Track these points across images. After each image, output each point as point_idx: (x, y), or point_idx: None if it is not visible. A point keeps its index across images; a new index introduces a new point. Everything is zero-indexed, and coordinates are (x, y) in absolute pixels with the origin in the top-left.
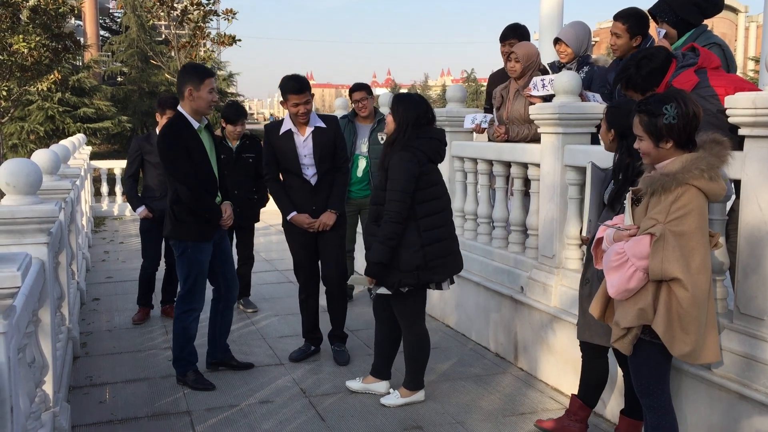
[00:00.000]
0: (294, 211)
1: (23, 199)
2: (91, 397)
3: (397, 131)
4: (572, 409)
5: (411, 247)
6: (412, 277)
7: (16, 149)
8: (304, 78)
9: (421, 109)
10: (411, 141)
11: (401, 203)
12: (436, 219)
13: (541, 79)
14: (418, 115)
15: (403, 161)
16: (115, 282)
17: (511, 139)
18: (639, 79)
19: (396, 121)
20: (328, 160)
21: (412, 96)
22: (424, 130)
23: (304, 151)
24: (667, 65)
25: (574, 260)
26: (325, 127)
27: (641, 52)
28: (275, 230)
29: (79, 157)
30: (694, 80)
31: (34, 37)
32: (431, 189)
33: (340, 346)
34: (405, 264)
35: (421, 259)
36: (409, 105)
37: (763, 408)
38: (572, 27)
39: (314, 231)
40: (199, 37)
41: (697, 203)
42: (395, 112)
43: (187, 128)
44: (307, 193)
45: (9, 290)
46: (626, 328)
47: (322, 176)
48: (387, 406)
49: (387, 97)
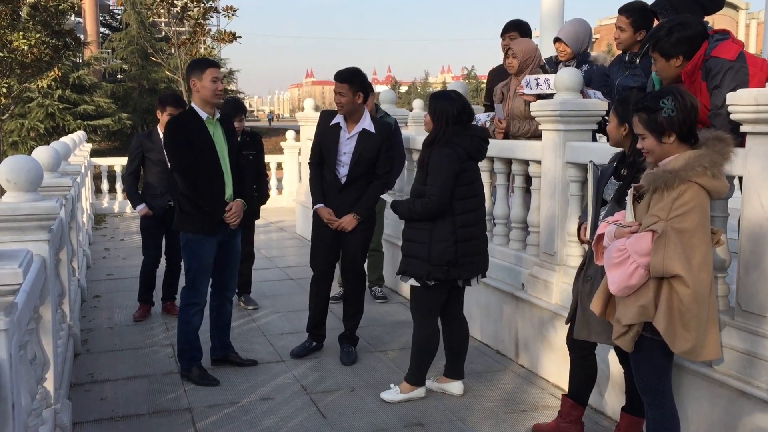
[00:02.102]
0: (322, 203)
1: (24, 196)
2: (92, 394)
3: (437, 129)
4: (564, 410)
5: (444, 242)
6: (442, 271)
7: (17, 146)
8: (356, 74)
9: (459, 105)
10: (452, 138)
11: (441, 198)
12: (471, 216)
13: (535, 78)
14: (457, 111)
15: (445, 157)
16: (116, 279)
17: (511, 134)
18: (667, 43)
19: (434, 119)
20: (365, 165)
21: (449, 93)
22: (465, 128)
23: (344, 149)
24: (699, 39)
25: (576, 257)
26: (373, 133)
27: (678, 18)
28: (276, 227)
29: (80, 155)
30: (738, 49)
31: (34, 34)
32: (470, 186)
33: (348, 347)
34: (436, 258)
35: (453, 255)
36: (445, 102)
37: (764, 405)
38: (572, 26)
39: (334, 229)
40: (200, 34)
41: (700, 200)
42: (432, 109)
43: (194, 120)
44: (334, 191)
45: (10, 287)
46: (628, 325)
47: (354, 179)
48: (387, 401)
49: (388, 95)
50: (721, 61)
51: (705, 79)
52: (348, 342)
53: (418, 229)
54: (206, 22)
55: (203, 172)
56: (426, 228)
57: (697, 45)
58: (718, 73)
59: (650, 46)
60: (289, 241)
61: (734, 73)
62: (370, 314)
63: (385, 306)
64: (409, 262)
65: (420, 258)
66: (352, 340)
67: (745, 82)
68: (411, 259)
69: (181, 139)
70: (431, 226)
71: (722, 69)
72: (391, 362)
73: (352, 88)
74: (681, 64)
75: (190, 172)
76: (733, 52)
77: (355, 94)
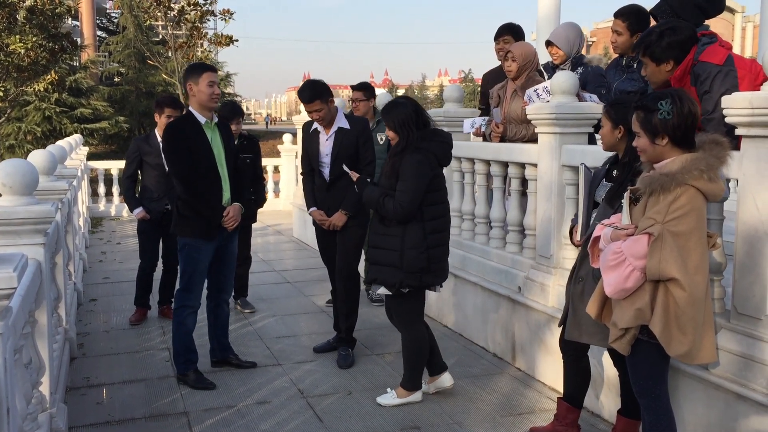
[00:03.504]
0: (314, 206)
1: (19, 199)
2: (88, 398)
3: (405, 136)
4: (560, 413)
5: (416, 248)
6: (415, 279)
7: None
8: (317, 86)
9: (412, 106)
10: (420, 143)
11: (411, 204)
12: (440, 223)
13: (534, 90)
14: (414, 113)
15: (417, 163)
16: (113, 283)
17: (508, 138)
18: (658, 48)
19: (395, 130)
20: (346, 160)
21: (398, 100)
22: (432, 132)
23: (324, 150)
24: (689, 44)
25: (572, 260)
26: (348, 129)
27: (669, 22)
28: (273, 231)
29: (76, 158)
30: (725, 53)
31: (30, 37)
32: (439, 192)
33: (345, 350)
34: (409, 265)
35: (425, 262)
36: (401, 109)
37: (760, 407)
38: (562, 29)
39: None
40: (196, 37)
41: (696, 204)
42: (389, 121)
43: (191, 125)
44: (324, 191)
45: (5, 291)
46: (624, 329)
47: (337, 176)
48: (383, 405)
49: (385, 98)
50: (709, 66)
51: (694, 84)
52: (345, 345)
53: (388, 235)
54: (203, 25)
55: (201, 177)
56: (396, 234)
57: (687, 49)
58: (706, 79)
59: (641, 51)
60: (286, 245)
61: (723, 77)
62: (367, 317)
63: (381, 308)
64: (380, 270)
65: (392, 265)
66: (349, 343)
67: (734, 85)
68: (382, 267)
69: (179, 144)
70: (401, 232)
71: (711, 74)
72: (389, 365)
73: (323, 101)
74: (671, 69)
75: (188, 177)
76: (720, 55)
77: (328, 104)
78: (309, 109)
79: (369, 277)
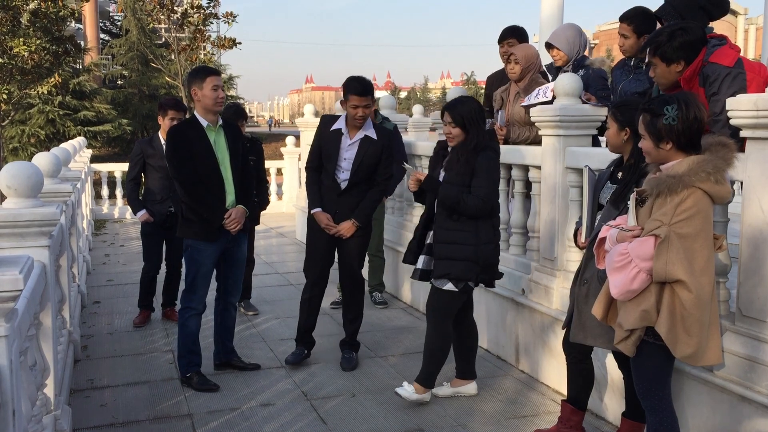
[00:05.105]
0: (320, 207)
1: (24, 202)
2: (92, 400)
3: (476, 132)
4: (564, 415)
5: (491, 243)
6: (489, 273)
7: (17, 152)
8: (369, 81)
9: (477, 103)
10: (489, 141)
11: (492, 200)
12: (498, 220)
13: (535, 92)
14: (481, 110)
15: (493, 161)
16: (116, 285)
17: (511, 141)
18: (669, 48)
19: (463, 125)
20: (366, 171)
21: (463, 98)
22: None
23: (345, 154)
24: (700, 44)
25: (576, 262)
26: (375, 139)
27: (680, 23)
28: (276, 233)
29: (80, 160)
30: (735, 55)
31: (34, 40)
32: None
33: (349, 353)
34: (485, 260)
35: (497, 257)
36: (467, 104)
37: (765, 410)
38: (562, 30)
39: (331, 234)
40: (200, 40)
41: (703, 206)
42: (456, 116)
43: (194, 128)
44: (333, 195)
45: (11, 293)
46: (629, 330)
47: (353, 185)
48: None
49: (388, 100)
50: (719, 68)
51: (702, 85)
52: (349, 348)
53: (459, 231)
54: (206, 28)
55: (202, 181)
56: (470, 230)
57: (698, 50)
58: (715, 80)
59: (650, 51)
60: (289, 247)
61: (732, 79)
62: (371, 320)
63: (385, 311)
64: (453, 265)
65: (468, 260)
66: (353, 346)
67: (743, 88)
68: (456, 261)
69: (182, 149)
70: (474, 228)
71: (720, 76)
72: (392, 368)
73: (373, 97)
74: (681, 70)
75: (188, 181)
76: (730, 58)
77: (373, 103)
78: (358, 103)
79: (437, 272)
